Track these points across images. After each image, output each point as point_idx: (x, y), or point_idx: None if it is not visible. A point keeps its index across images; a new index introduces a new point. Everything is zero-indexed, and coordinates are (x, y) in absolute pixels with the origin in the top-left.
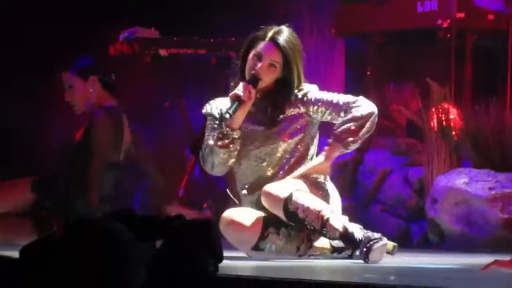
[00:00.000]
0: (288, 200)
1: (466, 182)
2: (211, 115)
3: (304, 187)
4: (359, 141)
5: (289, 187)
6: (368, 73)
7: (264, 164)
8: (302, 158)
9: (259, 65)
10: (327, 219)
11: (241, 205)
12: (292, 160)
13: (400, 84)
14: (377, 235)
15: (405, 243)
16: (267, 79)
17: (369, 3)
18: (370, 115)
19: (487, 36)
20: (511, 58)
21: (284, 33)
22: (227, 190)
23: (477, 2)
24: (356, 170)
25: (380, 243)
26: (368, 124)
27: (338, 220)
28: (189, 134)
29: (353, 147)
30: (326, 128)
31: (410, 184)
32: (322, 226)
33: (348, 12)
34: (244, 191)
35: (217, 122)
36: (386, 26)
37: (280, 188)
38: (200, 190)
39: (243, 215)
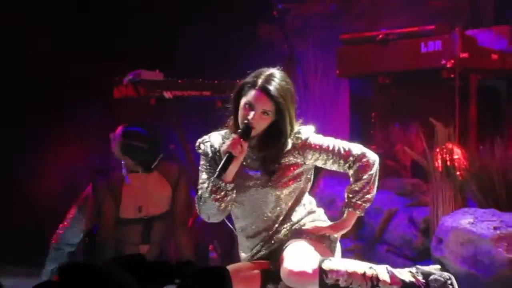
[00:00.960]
0: (322, 274)
1: (471, 222)
2: (206, 154)
3: (311, 245)
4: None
5: (310, 257)
6: (373, 114)
7: (259, 211)
8: (297, 203)
9: (252, 114)
10: (377, 276)
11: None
12: (289, 205)
13: (404, 125)
14: (446, 275)
15: None
16: (259, 128)
17: (373, 44)
18: (376, 169)
19: (492, 76)
20: None
21: (275, 79)
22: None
23: (481, 42)
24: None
25: (454, 281)
26: (377, 178)
27: (384, 271)
28: (195, 176)
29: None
30: None
31: (416, 224)
32: (374, 286)
33: (351, 53)
34: (239, 231)
35: (210, 161)
36: (390, 66)
37: (300, 262)
38: (207, 232)
39: (242, 271)
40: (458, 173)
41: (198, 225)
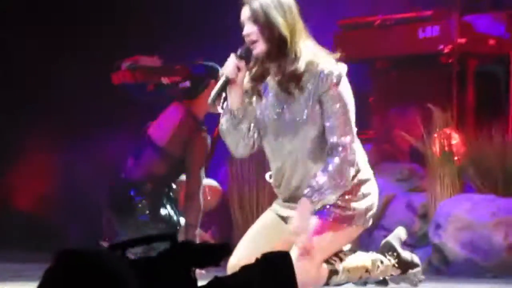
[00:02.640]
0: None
1: (469, 208)
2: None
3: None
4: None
5: (315, 266)
6: (371, 99)
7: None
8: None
9: (244, 30)
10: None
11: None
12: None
13: (402, 110)
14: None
15: None
16: (259, 44)
17: (371, 29)
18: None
19: (489, 61)
20: None
21: None
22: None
23: (478, 28)
24: None
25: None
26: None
27: (379, 257)
28: None
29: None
30: None
31: (414, 210)
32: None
33: (349, 38)
34: (268, 178)
35: None
36: (388, 51)
37: (308, 275)
38: (204, 219)
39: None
40: (456, 158)
41: None
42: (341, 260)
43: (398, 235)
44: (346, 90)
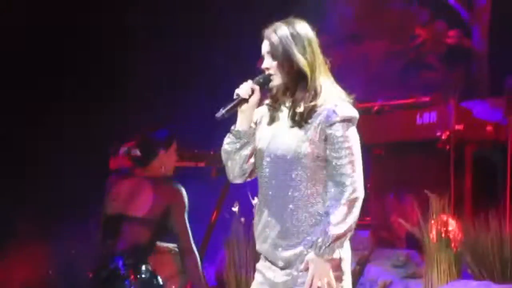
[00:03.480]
0: None
1: None
2: None
3: None
4: None
5: None
6: (368, 185)
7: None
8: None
9: (263, 64)
10: None
11: None
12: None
13: (399, 196)
14: None
15: None
16: (277, 77)
17: (368, 115)
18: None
19: (486, 147)
20: (510, 169)
21: (277, 23)
22: None
23: (476, 114)
24: (357, 282)
25: None
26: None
27: None
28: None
29: None
30: None
31: None
32: None
33: None
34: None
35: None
36: (385, 138)
37: None
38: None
39: None
40: (452, 245)
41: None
42: None
43: None
44: (356, 135)
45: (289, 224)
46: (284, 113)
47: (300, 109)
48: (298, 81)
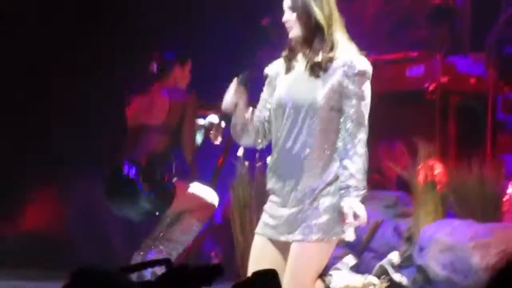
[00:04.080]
0: None
1: (449, 232)
2: (266, 76)
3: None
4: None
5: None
6: None
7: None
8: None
9: (283, 17)
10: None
11: None
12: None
13: (391, 142)
14: None
15: None
16: (296, 30)
17: None
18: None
19: (469, 98)
20: (491, 118)
21: None
22: None
23: (459, 68)
24: None
25: None
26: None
27: (372, 281)
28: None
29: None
30: None
31: (400, 233)
32: None
33: None
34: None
35: (268, 85)
36: (378, 89)
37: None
38: (208, 239)
39: None
40: (438, 187)
41: (201, 233)
42: (334, 279)
43: (391, 260)
44: (370, 89)
45: (304, 167)
46: (301, 64)
47: (318, 59)
48: (315, 33)
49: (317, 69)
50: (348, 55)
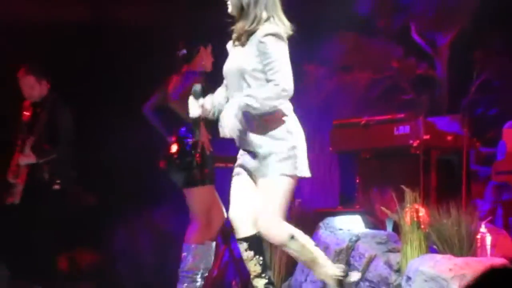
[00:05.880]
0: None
1: (432, 265)
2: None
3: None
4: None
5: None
6: (357, 181)
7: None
8: None
9: None
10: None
11: None
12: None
13: (382, 189)
14: None
15: None
16: (230, 7)
17: (357, 127)
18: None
19: (447, 152)
20: (465, 169)
21: None
22: None
23: (439, 127)
24: (349, 255)
25: None
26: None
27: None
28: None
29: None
30: None
31: (390, 266)
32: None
33: (341, 134)
34: None
35: None
36: (371, 145)
37: (272, 230)
38: (229, 269)
39: None
40: (422, 227)
41: (223, 265)
42: (303, 237)
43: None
44: (281, 47)
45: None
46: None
47: (241, 31)
48: (240, 12)
49: (240, 40)
50: (265, 26)
